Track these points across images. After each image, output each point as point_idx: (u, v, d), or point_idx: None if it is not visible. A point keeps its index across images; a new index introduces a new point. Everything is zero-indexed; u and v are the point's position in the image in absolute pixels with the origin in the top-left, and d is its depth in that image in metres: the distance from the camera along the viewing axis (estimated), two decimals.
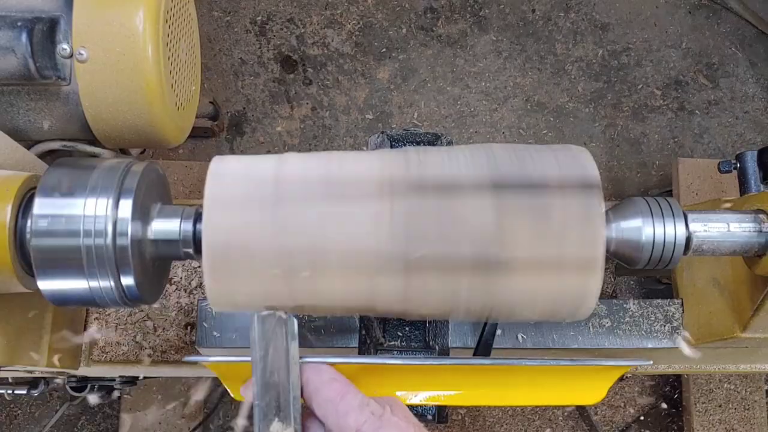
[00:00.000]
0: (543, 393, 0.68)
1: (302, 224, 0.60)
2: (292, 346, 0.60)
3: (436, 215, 0.59)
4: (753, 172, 0.98)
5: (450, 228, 0.59)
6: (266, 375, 0.59)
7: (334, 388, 0.59)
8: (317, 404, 0.59)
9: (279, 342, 0.60)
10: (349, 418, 0.57)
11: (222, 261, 0.60)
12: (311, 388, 0.60)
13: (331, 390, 0.59)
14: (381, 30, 1.99)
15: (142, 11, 0.83)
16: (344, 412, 0.57)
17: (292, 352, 0.60)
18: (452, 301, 0.61)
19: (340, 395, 0.59)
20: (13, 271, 0.65)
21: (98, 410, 1.82)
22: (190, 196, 1.64)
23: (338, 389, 0.59)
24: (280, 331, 0.61)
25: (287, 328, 0.61)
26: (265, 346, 0.60)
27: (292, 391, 0.59)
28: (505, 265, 0.59)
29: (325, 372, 0.61)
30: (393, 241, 0.59)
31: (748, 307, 0.86)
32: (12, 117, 0.88)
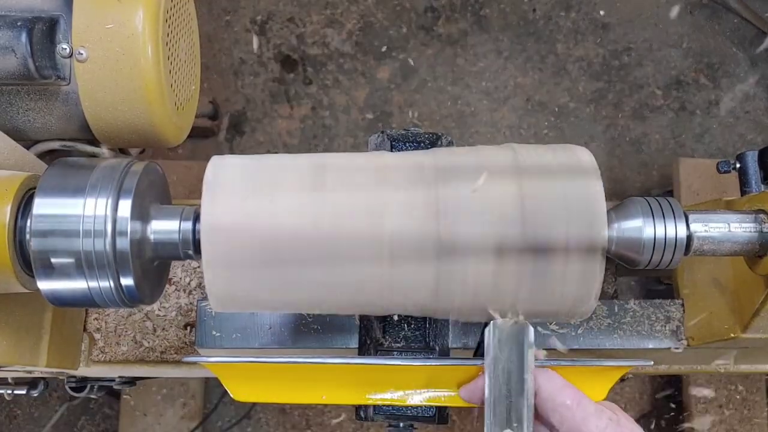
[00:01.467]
0: None
1: (302, 223, 0.60)
2: (529, 354, 0.61)
3: (435, 277, 0.60)
4: (754, 172, 0.97)
5: (448, 288, 0.61)
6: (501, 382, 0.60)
7: (568, 395, 0.60)
8: (552, 410, 0.60)
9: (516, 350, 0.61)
10: (589, 423, 0.58)
11: (222, 261, 0.60)
12: (545, 395, 0.60)
13: (566, 396, 0.60)
14: (381, 29, 1.99)
15: (141, 11, 0.82)
16: (582, 417, 0.58)
17: (528, 360, 0.60)
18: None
19: (576, 401, 0.59)
20: (12, 272, 0.65)
21: (98, 410, 1.82)
22: (189, 196, 1.64)
23: (573, 395, 0.60)
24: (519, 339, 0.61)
25: (525, 337, 0.61)
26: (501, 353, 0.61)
27: (526, 399, 0.60)
28: (495, 314, 0.62)
29: (556, 378, 0.61)
30: (393, 298, 0.60)
31: (749, 308, 0.86)
32: (11, 117, 0.88)
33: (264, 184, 0.61)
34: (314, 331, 0.92)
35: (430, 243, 0.59)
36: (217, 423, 1.82)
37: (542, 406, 0.61)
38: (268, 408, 1.84)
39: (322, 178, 0.62)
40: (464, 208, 0.59)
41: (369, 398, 0.68)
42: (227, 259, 0.60)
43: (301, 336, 0.93)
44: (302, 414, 1.83)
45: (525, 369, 0.60)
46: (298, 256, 0.59)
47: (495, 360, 0.60)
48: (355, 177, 0.62)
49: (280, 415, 1.83)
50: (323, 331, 0.93)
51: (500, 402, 0.60)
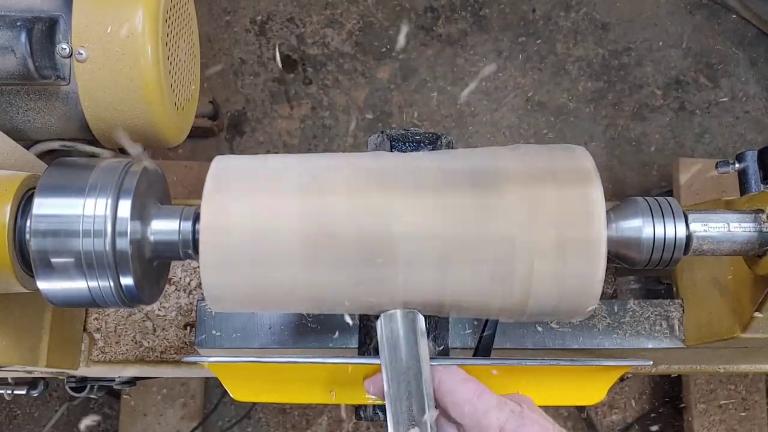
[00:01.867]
0: (543, 393, 0.68)
1: (303, 223, 0.60)
2: (422, 343, 0.60)
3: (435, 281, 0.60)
4: (753, 172, 0.97)
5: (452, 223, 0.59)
6: (397, 375, 0.59)
7: (469, 388, 0.59)
8: (452, 404, 0.59)
9: (408, 340, 0.60)
10: (490, 416, 0.57)
11: (221, 261, 0.60)
12: (445, 389, 0.59)
13: (467, 390, 0.59)
14: (381, 29, 1.99)
15: (141, 11, 0.83)
16: (484, 410, 0.57)
17: (421, 350, 0.59)
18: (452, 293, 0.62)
19: (477, 394, 0.58)
20: (12, 272, 0.65)
21: (98, 410, 1.82)
22: (189, 196, 1.63)
23: (474, 389, 0.59)
24: (408, 329, 0.60)
25: (415, 325, 0.60)
26: (394, 345, 0.59)
27: (425, 389, 0.58)
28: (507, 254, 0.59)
29: (457, 372, 0.60)
30: (393, 233, 0.59)
31: (749, 308, 0.86)
32: (11, 117, 0.88)
33: (264, 186, 0.61)
34: (314, 331, 0.92)
35: (438, 245, 0.59)
36: (217, 423, 1.82)
37: (443, 400, 0.60)
38: (268, 408, 1.84)
39: (323, 180, 0.61)
40: (468, 215, 0.59)
41: (369, 398, 0.68)
42: (225, 261, 0.60)
43: (301, 336, 0.93)
44: (302, 414, 1.83)
45: (420, 358, 0.59)
46: (297, 259, 0.59)
47: (389, 351, 0.59)
48: (356, 180, 0.61)
49: (280, 415, 1.83)
50: (323, 331, 0.93)
51: (400, 394, 0.58)
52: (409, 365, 0.59)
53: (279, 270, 0.60)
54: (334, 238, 0.59)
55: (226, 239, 0.59)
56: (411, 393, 0.58)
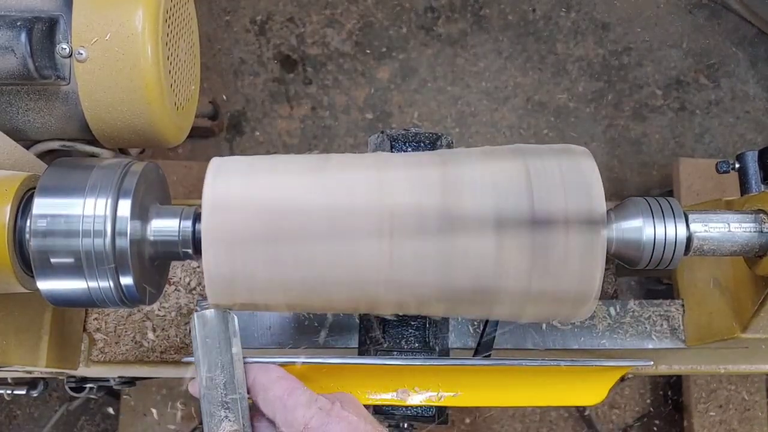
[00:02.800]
0: (543, 393, 0.68)
1: (303, 223, 0.60)
2: (234, 343, 0.61)
3: (438, 254, 0.59)
4: (754, 173, 0.97)
5: (451, 265, 0.59)
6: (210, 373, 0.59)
7: (281, 386, 0.60)
8: (265, 402, 0.60)
9: (221, 339, 0.60)
10: (296, 413, 0.58)
11: (221, 260, 0.60)
12: (259, 387, 0.60)
13: (279, 387, 0.60)
14: (381, 29, 1.99)
15: (141, 11, 0.82)
16: (292, 407, 0.58)
17: (234, 350, 0.60)
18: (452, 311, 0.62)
19: (287, 392, 0.59)
20: (12, 272, 0.65)
21: (98, 410, 1.82)
22: (189, 196, 1.64)
23: (286, 386, 0.59)
24: (221, 329, 0.61)
25: (228, 325, 0.61)
26: (207, 343, 0.60)
27: (237, 388, 0.59)
28: (503, 296, 0.60)
29: (272, 371, 0.61)
30: (396, 275, 0.60)
31: (749, 308, 0.86)
32: (11, 117, 0.88)
33: (265, 167, 0.62)
34: (314, 331, 0.92)
35: (432, 216, 0.59)
36: None
37: (258, 399, 0.60)
38: None
39: (323, 163, 0.62)
40: (469, 183, 0.59)
41: (369, 398, 0.68)
42: (227, 238, 0.59)
43: (301, 336, 0.93)
44: None
45: (233, 358, 0.60)
46: (298, 232, 0.59)
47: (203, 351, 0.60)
48: (356, 163, 0.62)
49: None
50: (323, 332, 0.92)
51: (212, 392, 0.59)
52: (223, 366, 0.60)
53: (279, 247, 0.60)
54: (334, 210, 0.59)
55: (227, 216, 0.59)
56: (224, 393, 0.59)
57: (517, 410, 1.80)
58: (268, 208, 0.59)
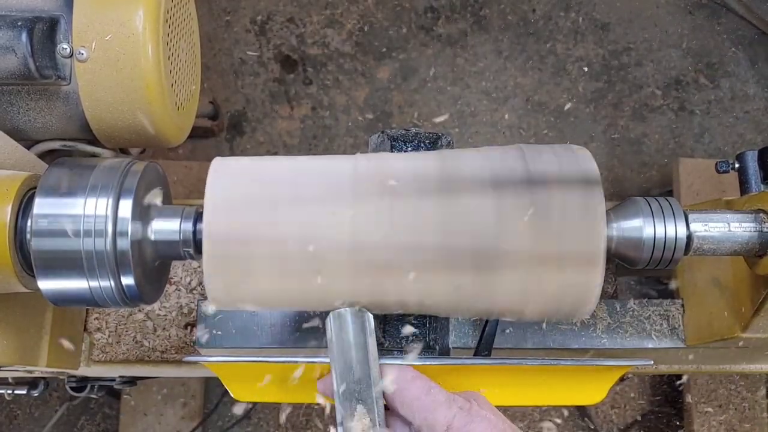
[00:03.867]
0: (543, 393, 0.68)
1: (303, 222, 0.60)
2: (370, 342, 0.60)
3: (438, 213, 0.59)
4: (753, 172, 0.97)
5: (451, 224, 0.59)
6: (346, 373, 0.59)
7: (418, 386, 0.59)
8: (402, 403, 0.59)
9: (357, 338, 0.60)
10: (438, 413, 0.57)
11: (222, 260, 0.60)
12: (395, 387, 0.59)
13: (416, 387, 0.59)
14: (381, 30, 1.99)
15: (142, 11, 0.83)
16: (432, 408, 0.57)
17: (370, 349, 0.60)
18: (455, 297, 0.61)
19: (425, 392, 0.58)
20: (13, 271, 0.65)
21: (98, 410, 1.82)
22: (189, 196, 1.64)
23: (423, 386, 0.59)
24: (357, 328, 0.60)
25: (364, 324, 0.60)
26: (343, 342, 0.60)
27: (374, 388, 0.59)
28: (505, 260, 0.59)
29: (407, 371, 0.60)
30: (392, 237, 0.59)
31: (749, 308, 0.86)
32: (12, 117, 0.88)
33: (264, 190, 0.61)
34: (314, 330, 0.92)
35: (432, 178, 0.60)
36: (217, 423, 1.82)
37: (393, 399, 0.60)
38: (268, 408, 1.84)
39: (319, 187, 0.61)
40: (465, 156, 0.62)
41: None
42: (227, 269, 0.60)
43: (301, 336, 0.93)
44: (302, 414, 1.83)
45: (369, 357, 0.59)
46: (295, 196, 0.60)
47: (338, 350, 0.59)
48: (352, 186, 0.61)
49: (280, 415, 1.83)
50: (323, 331, 0.92)
51: (348, 392, 0.59)
52: (358, 364, 0.59)
53: (280, 279, 0.60)
54: (336, 237, 0.59)
55: (228, 238, 0.59)
56: (360, 392, 0.59)
57: (517, 409, 1.80)
58: (268, 177, 0.61)
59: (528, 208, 0.58)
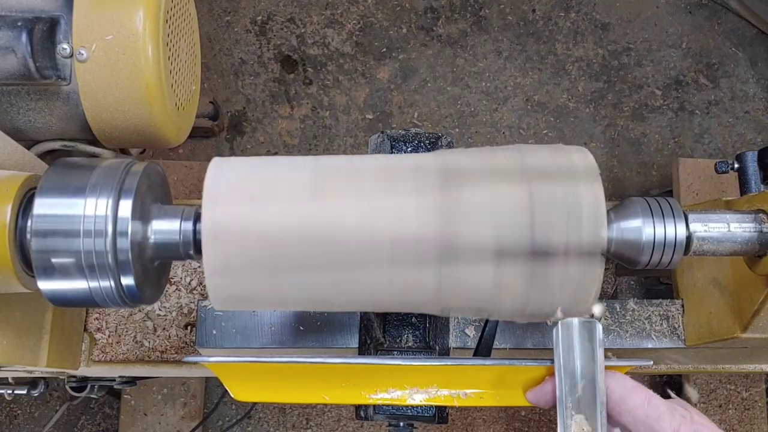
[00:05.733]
0: None
1: (303, 222, 0.60)
2: (599, 352, 0.60)
3: (436, 281, 0.60)
4: (753, 172, 0.97)
5: (449, 291, 0.60)
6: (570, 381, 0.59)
7: (639, 395, 0.60)
8: (624, 412, 0.60)
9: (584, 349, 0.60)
10: (663, 422, 0.58)
11: (222, 260, 0.60)
12: (616, 397, 0.60)
13: (638, 396, 0.60)
14: (381, 30, 1.99)
15: (142, 11, 0.83)
16: (656, 417, 0.58)
17: (598, 358, 0.60)
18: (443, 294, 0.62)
19: (647, 401, 0.59)
20: (13, 272, 0.65)
21: (98, 410, 1.82)
22: (190, 196, 1.64)
23: (644, 396, 0.60)
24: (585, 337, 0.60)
25: (592, 334, 0.60)
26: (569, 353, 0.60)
27: (599, 398, 0.59)
28: (497, 315, 0.62)
29: (625, 380, 0.61)
30: (397, 232, 0.59)
31: (749, 308, 0.86)
32: (12, 117, 0.88)
33: (264, 189, 0.61)
34: (314, 331, 0.92)
35: (432, 246, 0.59)
36: (217, 422, 1.82)
37: (614, 408, 0.60)
38: (268, 408, 1.84)
39: (323, 183, 0.61)
40: (470, 212, 0.59)
41: (369, 398, 0.68)
42: (228, 265, 0.60)
43: (301, 336, 0.93)
44: (302, 414, 1.83)
45: (596, 369, 0.59)
46: (298, 262, 0.59)
47: (564, 360, 0.60)
48: (356, 181, 0.61)
49: (280, 415, 1.83)
50: (323, 331, 0.93)
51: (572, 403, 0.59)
52: (584, 373, 0.59)
53: (280, 274, 0.60)
54: (334, 242, 0.59)
55: (228, 245, 0.59)
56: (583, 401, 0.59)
57: (517, 410, 1.80)
58: (265, 239, 0.59)
59: (527, 279, 0.59)
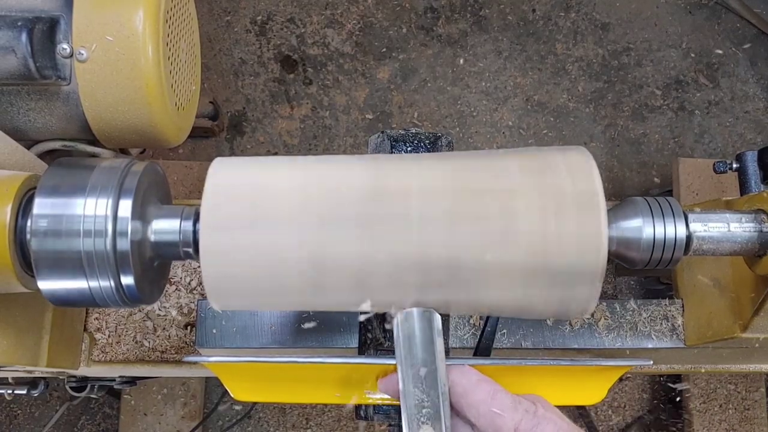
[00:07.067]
0: (543, 393, 0.68)
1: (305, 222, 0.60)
2: (438, 342, 0.59)
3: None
4: (753, 172, 0.98)
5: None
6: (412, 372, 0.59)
7: (484, 389, 0.59)
8: (467, 405, 0.59)
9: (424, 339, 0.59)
10: (505, 416, 0.57)
11: (222, 260, 0.60)
12: (459, 390, 0.59)
13: (482, 391, 0.59)
14: (381, 30, 1.99)
15: (141, 11, 0.83)
16: (499, 411, 0.57)
17: (438, 349, 0.59)
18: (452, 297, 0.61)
19: (490, 395, 0.58)
20: (13, 271, 0.65)
21: (98, 410, 1.82)
22: (190, 196, 1.64)
23: (488, 389, 0.59)
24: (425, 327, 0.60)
25: (432, 324, 0.60)
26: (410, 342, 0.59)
27: (440, 389, 0.58)
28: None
29: (471, 373, 0.60)
30: (405, 244, 0.59)
31: (749, 307, 0.86)
32: (12, 117, 0.88)
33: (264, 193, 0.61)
34: (314, 331, 0.92)
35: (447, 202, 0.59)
36: (217, 422, 1.82)
37: (458, 401, 0.60)
38: (268, 408, 1.84)
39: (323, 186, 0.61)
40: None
41: (369, 398, 0.68)
42: (228, 270, 0.60)
43: (301, 336, 0.93)
44: (302, 414, 1.83)
45: (435, 358, 0.59)
46: (297, 266, 0.59)
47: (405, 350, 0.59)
48: (348, 199, 0.61)
49: (280, 415, 1.83)
50: (323, 331, 0.93)
51: (414, 394, 0.58)
52: (425, 364, 0.59)
53: (282, 263, 0.60)
54: (323, 269, 0.59)
55: (228, 237, 0.59)
56: (426, 392, 0.58)
57: None
58: (261, 260, 0.60)
59: (526, 208, 0.58)
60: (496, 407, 0.57)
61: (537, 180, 0.59)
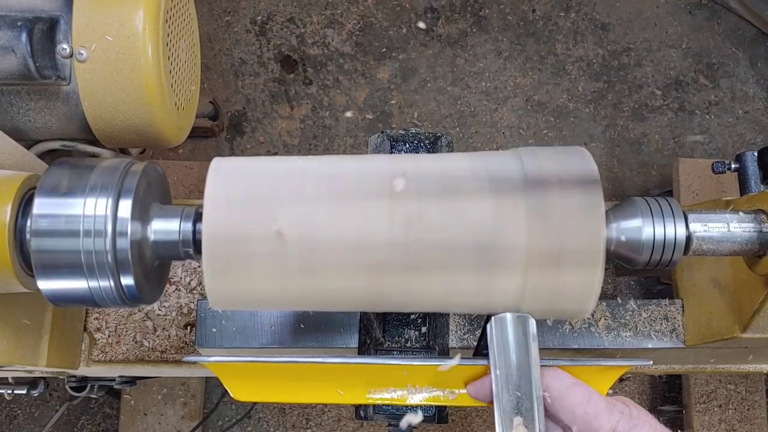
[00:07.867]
0: None
1: (303, 222, 0.60)
2: (533, 347, 0.60)
3: (438, 215, 0.59)
4: (753, 172, 0.98)
5: (451, 227, 0.59)
6: (507, 378, 0.59)
7: (579, 392, 0.60)
8: (562, 408, 0.60)
9: (519, 344, 0.60)
10: (601, 419, 0.58)
11: (222, 260, 0.60)
12: (555, 394, 0.60)
13: (577, 394, 0.59)
14: (381, 30, 1.99)
15: (141, 11, 0.83)
16: (594, 414, 0.58)
17: (533, 353, 0.59)
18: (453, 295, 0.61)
19: (586, 398, 0.59)
20: (13, 271, 0.65)
21: (98, 410, 1.82)
22: (190, 196, 1.64)
23: (583, 392, 0.59)
24: (519, 332, 0.60)
25: (526, 329, 0.60)
26: (504, 347, 0.60)
27: (535, 392, 0.59)
28: (504, 259, 0.59)
29: (564, 377, 0.61)
30: (394, 237, 0.59)
31: (749, 308, 0.86)
32: (12, 117, 0.88)
33: (264, 193, 0.61)
34: (314, 330, 0.92)
35: (432, 180, 0.60)
36: (217, 422, 1.82)
37: (552, 405, 0.60)
38: (268, 408, 1.84)
39: (320, 188, 0.61)
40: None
41: (369, 398, 0.68)
42: (227, 269, 0.60)
43: (301, 336, 0.93)
44: (302, 414, 1.83)
45: (531, 362, 0.59)
46: (297, 266, 0.59)
47: (499, 355, 0.59)
48: (353, 186, 0.61)
49: (280, 415, 1.83)
50: (323, 331, 0.93)
51: (509, 398, 0.59)
52: (519, 369, 0.59)
53: (280, 278, 0.60)
54: (336, 237, 0.59)
55: (228, 237, 0.59)
56: (521, 397, 0.59)
57: None
58: (267, 176, 0.60)
59: (525, 211, 0.58)
60: (592, 409, 0.58)
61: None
